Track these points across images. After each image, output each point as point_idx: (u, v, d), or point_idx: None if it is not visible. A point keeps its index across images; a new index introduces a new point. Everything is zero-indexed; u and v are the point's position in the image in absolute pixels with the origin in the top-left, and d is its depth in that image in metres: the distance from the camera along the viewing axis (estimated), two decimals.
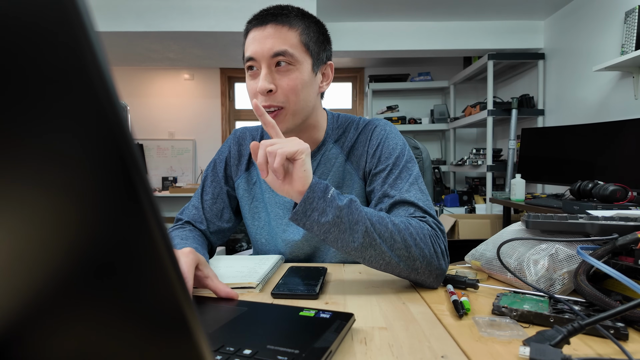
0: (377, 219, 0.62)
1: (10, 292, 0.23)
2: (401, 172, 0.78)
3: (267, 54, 0.73)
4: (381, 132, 0.84)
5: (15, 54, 0.17)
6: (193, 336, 0.21)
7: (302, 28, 0.76)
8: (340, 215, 0.59)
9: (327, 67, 0.83)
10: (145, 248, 0.19)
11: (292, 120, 0.78)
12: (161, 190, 4.17)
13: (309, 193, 0.60)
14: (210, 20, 2.95)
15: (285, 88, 0.75)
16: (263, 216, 0.90)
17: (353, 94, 4.51)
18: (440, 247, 0.65)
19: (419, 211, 0.71)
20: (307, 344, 0.41)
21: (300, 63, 0.75)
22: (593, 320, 0.40)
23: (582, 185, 1.84)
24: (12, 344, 0.25)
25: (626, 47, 2.25)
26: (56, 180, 0.19)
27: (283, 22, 0.74)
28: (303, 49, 0.76)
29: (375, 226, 0.61)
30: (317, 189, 0.60)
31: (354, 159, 0.85)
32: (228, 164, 0.93)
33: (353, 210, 0.60)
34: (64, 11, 0.16)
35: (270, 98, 0.75)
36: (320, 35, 0.80)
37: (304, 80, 0.76)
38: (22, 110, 0.18)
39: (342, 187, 0.86)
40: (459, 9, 3.11)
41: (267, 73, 0.74)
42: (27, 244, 0.21)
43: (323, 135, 0.87)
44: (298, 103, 0.76)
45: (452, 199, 3.70)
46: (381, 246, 0.60)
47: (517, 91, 3.58)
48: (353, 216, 0.60)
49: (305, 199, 0.60)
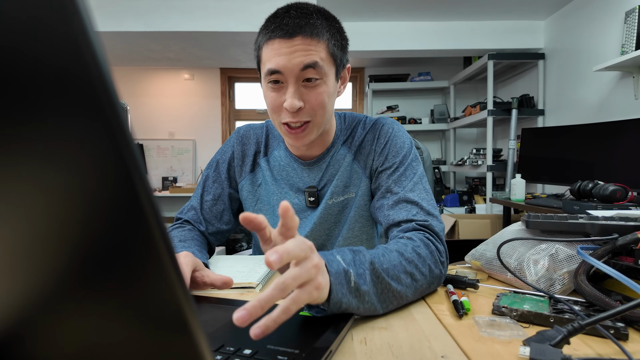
0: (397, 271, 0.56)
1: (10, 291, 0.23)
2: (406, 169, 0.77)
3: (296, 69, 0.70)
4: (389, 130, 0.84)
5: (16, 54, 0.17)
6: (193, 336, 0.21)
7: (328, 38, 0.73)
8: (368, 295, 0.52)
9: (345, 71, 0.82)
10: (145, 248, 0.19)
11: (316, 132, 0.77)
12: (161, 190, 4.17)
13: (334, 297, 0.47)
14: (210, 20, 2.95)
15: (313, 103, 0.73)
16: (268, 218, 0.90)
17: (353, 94, 4.51)
18: (443, 256, 0.64)
19: (421, 212, 0.70)
20: (307, 344, 0.41)
21: (327, 75, 0.73)
22: (593, 320, 0.40)
23: (582, 185, 1.84)
24: (13, 344, 0.25)
25: (626, 47, 2.25)
26: (56, 180, 0.19)
27: (312, 33, 0.70)
28: (331, 60, 0.74)
29: (400, 280, 0.56)
30: (338, 287, 0.48)
31: (361, 157, 0.85)
32: (231, 165, 0.91)
33: (375, 280, 0.53)
34: (64, 11, 0.16)
35: (297, 114, 0.73)
36: (342, 39, 0.77)
37: (330, 92, 0.75)
38: (22, 110, 0.18)
39: (349, 186, 0.85)
40: (459, 9, 3.11)
41: (296, 90, 0.71)
42: (27, 244, 0.21)
43: (332, 137, 0.87)
44: (324, 116, 0.76)
45: (452, 199, 3.70)
46: (407, 297, 0.57)
47: (517, 91, 3.58)
48: (378, 287, 0.53)
49: (332, 303, 0.48)
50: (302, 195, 0.87)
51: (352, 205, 0.85)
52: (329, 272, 0.47)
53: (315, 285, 0.42)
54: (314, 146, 0.85)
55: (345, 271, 0.50)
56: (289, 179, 0.87)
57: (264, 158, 0.90)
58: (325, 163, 0.86)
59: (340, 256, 0.51)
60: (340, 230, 0.86)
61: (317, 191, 0.86)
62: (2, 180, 0.20)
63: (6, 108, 0.18)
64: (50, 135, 0.18)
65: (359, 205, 0.85)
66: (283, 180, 0.88)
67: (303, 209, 0.87)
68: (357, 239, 0.86)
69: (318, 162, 0.86)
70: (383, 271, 0.54)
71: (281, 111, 0.74)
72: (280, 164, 0.88)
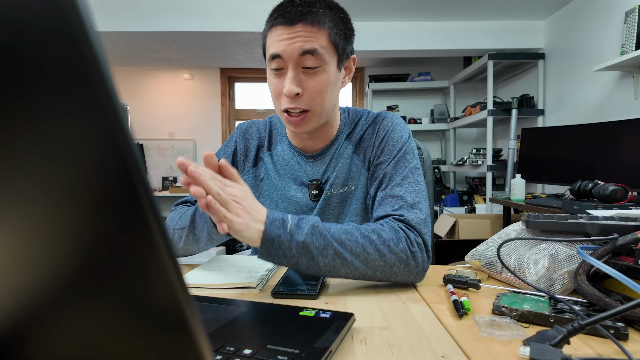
0: (345, 236, 0.62)
1: (11, 291, 0.23)
2: (398, 162, 0.78)
3: (295, 54, 0.71)
4: (388, 124, 0.84)
5: (16, 54, 0.17)
6: (193, 336, 0.21)
7: (330, 27, 0.74)
8: (305, 245, 0.60)
9: (350, 61, 0.82)
10: (145, 248, 0.19)
11: (316, 122, 0.78)
12: (161, 190, 4.17)
13: (266, 235, 0.59)
14: (210, 20, 2.96)
15: (311, 91, 0.74)
16: None
17: (353, 94, 4.51)
18: (417, 246, 0.65)
19: (404, 206, 0.71)
20: (307, 344, 0.41)
21: (327, 63, 0.74)
22: (593, 320, 0.40)
23: (582, 185, 1.84)
24: (13, 344, 0.25)
25: (626, 47, 2.25)
26: (57, 180, 0.19)
27: (313, 21, 0.72)
28: (331, 48, 0.74)
29: (345, 244, 0.61)
30: (273, 228, 0.60)
31: (361, 150, 0.85)
32: (235, 160, 0.92)
33: (318, 236, 0.60)
34: (64, 11, 0.16)
35: (296, 101, 0.74)
36: (347, 30, 0.78)
37: (330, 80, 0.75)
38: (22, 110, 0.18)
39: (348, 179, 0.85)
40: (459, 9, 3.11)
41: (295, 75, 0.73)
42: (28, 244, 0.21)
43: (336, 131, 0.87)
44: (323, 105, 0.76)
45: (452, 199, 3.70)
46: (353, 263, 0.61)
47: (517, 91, 3.58)
48: (319, 242, 0.60)
49: (265, 240, 0.59)
50: (306, 189, 0.87)
51: (352, 198, 0.85)
52: (267, 217, 0.60)
53: (239, 209, 0.57)
54: (317, 138, 0.85)
55: (282, 219, 0.60)
56: (293, 173, 0.88)
57: (267, 152, 0.91)
58: (328, 156, 0.86)
59: (290, 214, 0.62)
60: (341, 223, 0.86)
61: (321, 184, 0.86)
62: (3, 180, 0.20)
63: (6, 108, 0.18)
64: (50, 135, 0.18)
65: (359, 198, 0.85)
66: (286, 174, 0.88)
67: (307, 202, 0.87)
68: None
69: (322, 155, 0.86)
70: (325, 230, 0.61)
71: (282, 97, 0.75)
72: (284, 158, 0.89)
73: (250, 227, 0.58)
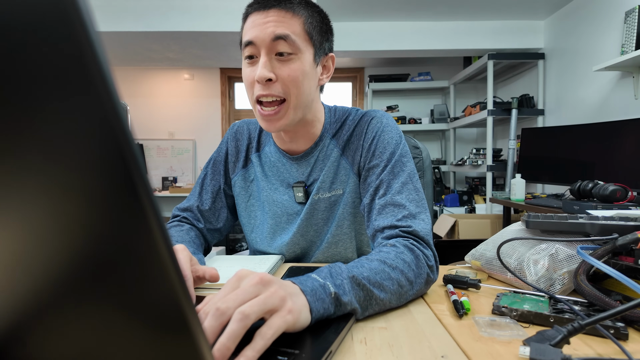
0: (380, 278, 0.54)
1: (11, 291, 0.23)
2: (394, 167, 0.75)
3: (267, 39, 0.70)
4: (377, 124, 0.81)
5: (17, 54, 0.17)
6: (193, 336, 0.21)
7: (305, 16, 0.73)
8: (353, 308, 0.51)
9: (329, 59, 0.81)
10: (145, 248, 0.19)
11: (292, 114, 0.75)
12: (161, 190, 4.17)
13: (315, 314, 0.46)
14: (210, 20, 2.95)
15: (285, 78, 0.71)
16: (259, 215, 0.89)
17: (353, 94, 4.51)
18: (432, 260, 0.63)
19: (407, 216, 0.68)
20: (307, 344, 0.41)
21: (302, 52, 0.72)
22: (593, 320, 0.40)
23: (582, 185, 1.84)
24: (13, 344, 0.25)
25: (626, 47, 2.25)
26: (57, 179, 0.19)
27: (287, 8, 0.71)
28: (306, 37, 0.73)
29: (382, 286, 0.54)
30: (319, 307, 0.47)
31: (349, 152, 0.83)
32: (227, 162, 0.91)
33: (367, 299, 0.52)
34: (64, 11, 0.16)
35: (268, 87, 0.71)
36: (323, 25, 0.77)
37: (305, 70, 0.73)
38: (23, 110, 0.18)
39: (335, 182, 0.83)
40: (459, 9, 3.11)
41: (267, 61, 0.70)
42: (28, 243, 0.21)
43: (320, 130, 0.84)
44: (299, 96, 0.74)
45: (452, 199, 3.70)
46: (391, 303, 0.55)
47: (517, 91, 3.58)
48: (366, 302, 0.52)
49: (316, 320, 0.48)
50: (292, 191, 0.85)
51: (340, 203, 0.83)
52: (304, 292, 0.46)
53: (288, 310, 0.41)
54: (298, 139, 0.83)
55: (322, 285, 0.49)
56: (279, 175, 0.86)
57: (255, 154, 0.90)
58: (313, 157, 0.84)
59: (316, 274, 0.51)
60: (329, 227, 0.84)
61: (306, 187, 0.84)
62: (3, 180, 0.20)
63: (6, 108, 0.18)
64: (50, 135, 0.18)
65: (347, 203, 0.82)
66: (274, 176, 0.87)
67: (292, 205, 0.85)
68: (346, 236, 0.84)
69: (306, 156, 0.84)
70: (364, 279, 0.52)
71: (255, 86, 0.73)
72: (271, 160, 0.88)
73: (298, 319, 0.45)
